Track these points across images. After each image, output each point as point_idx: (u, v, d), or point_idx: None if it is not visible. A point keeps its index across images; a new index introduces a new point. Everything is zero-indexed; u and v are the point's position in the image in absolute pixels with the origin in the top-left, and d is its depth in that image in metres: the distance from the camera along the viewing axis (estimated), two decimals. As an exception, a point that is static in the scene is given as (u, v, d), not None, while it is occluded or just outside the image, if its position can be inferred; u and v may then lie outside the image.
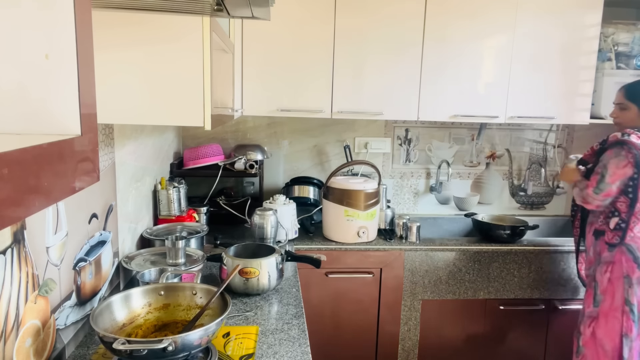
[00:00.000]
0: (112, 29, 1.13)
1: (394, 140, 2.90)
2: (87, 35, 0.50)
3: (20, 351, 1.00)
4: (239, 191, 2.81)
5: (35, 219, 1.06)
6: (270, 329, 1.44)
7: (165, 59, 1.17)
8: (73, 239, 1.26)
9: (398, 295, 2.38)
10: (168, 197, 2.10)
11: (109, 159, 1.54)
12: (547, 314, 2.48)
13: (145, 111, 1.19)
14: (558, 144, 2.98)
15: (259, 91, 2.39)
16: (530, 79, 2.51)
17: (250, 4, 1.02)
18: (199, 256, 1.74)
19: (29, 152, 0.39)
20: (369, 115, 2.47)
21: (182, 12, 1.09)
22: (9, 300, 0.96)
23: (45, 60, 0.47)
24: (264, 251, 1.74)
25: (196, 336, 1.08)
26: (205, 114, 1.20)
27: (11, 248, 0.96)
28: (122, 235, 1.69)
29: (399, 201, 2.97)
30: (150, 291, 1.30)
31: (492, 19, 2.43)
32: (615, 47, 2.59)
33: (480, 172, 3.00)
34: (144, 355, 1.01)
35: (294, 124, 2.81)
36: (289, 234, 2.27)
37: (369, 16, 2.37)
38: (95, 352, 1.28)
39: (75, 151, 0.48)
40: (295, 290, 1.75)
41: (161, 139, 2.29)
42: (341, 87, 2.42)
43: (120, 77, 1.16)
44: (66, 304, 1.23)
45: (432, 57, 2.42)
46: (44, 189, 0.42)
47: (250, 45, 2.34)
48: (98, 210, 1.44)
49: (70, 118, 0.49)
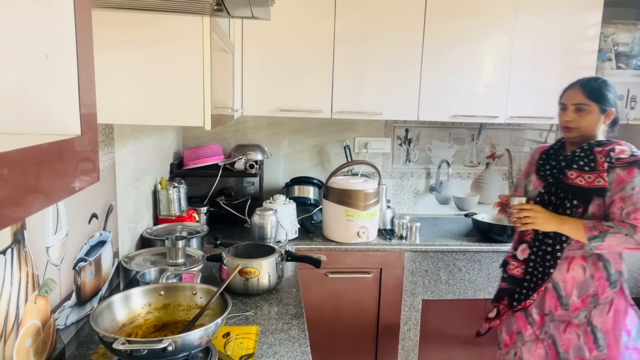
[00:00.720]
0: (112, 29, 1.13)
1: (394, 140, 2.90)
2: (87, 35, 0.50)
3: (20, 351, 1.00)
4: (239, 191, 2.81)
5: (35, 219, 1.06)
6: (270, 329, 1.44)
7: (165, 59, 1.17)
8: (73, 239, 1.26)
9: (398, 295, 2.38)
10: (168, 197, 2.10)
11: (109, 159, 1.54)
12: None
13: (145, 111, 1.19)
14: (558, 144, 2.97)
15: (259, 91, 2.39)
16: (530, 79, 2.51)
17: (250, 4, 1.02)
18: (199, 256, 1.74)
19: (29, 152, 0.39)
20: (369, 115, 2.47)
21: (182, 12, 1.09)
22: (9, 300, 0.96)
23: (45, 61, 0.47)
24: (264, 251, 1.74)
25: (196, 336, 1.08)
26: (205, 114, 1.20)
27: (11, 248, 0.96)
28: (122, 235, 1.69)
29: (399, 201, 2.97)
30: (150, 291, 1.30)
31: (492, 19, 2.43)
32: (615, 47, 2.59)
33: (480, 172, 3.00)
34: (144, 355, 1.01)
35: (294, 124, 2.81)
36: (289, 234, 2.27)
37: (369, 16, 2.37)
38: (95, 352, 1.27)
39: (75, 151, 0.48)
40: (295, 290, 1.75)
41: (161, 139, 2.29)
42: (341, 87, 2.42)
43: (120, 77, 1.16)
44: (66, 304, 1.23)
45: (432, 57, 2.42)
46: (44, 189, 0.42)
47: (250, 45, 2.34)
48: (98, 210, 1.44)
49: (70, 118, 0.49)
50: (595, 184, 1.59)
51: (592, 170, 1.60)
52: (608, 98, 1.64)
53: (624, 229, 1.53)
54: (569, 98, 1.68)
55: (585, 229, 1.56)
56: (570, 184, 1.64)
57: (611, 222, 1.55)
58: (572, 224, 1.60)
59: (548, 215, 1.63)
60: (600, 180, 1.59)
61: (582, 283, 1.65)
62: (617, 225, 1.54)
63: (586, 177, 1.61)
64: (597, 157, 1.61)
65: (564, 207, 1.64)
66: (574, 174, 1.64)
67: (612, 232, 1.53)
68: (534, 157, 1.89)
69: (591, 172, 1.61)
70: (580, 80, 1.70)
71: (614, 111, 1.66)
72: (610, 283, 1.64)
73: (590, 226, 1.56)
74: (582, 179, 1.62)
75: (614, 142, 1.62)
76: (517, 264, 1.77)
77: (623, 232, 1.52)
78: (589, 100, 1.64)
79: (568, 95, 1.70)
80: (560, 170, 1.68)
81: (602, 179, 1.58)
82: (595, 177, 1.60)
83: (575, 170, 1.64)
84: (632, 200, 1.54)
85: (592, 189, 1.60)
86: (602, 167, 1.59)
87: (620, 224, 1.53)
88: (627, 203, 1.54)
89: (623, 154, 1.58)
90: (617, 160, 1.57)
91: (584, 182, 1.61)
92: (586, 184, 1.61)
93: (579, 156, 1.65)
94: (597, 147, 1.62)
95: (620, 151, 1.58)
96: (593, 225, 1.56)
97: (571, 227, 1.60)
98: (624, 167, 1.56)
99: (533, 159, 1.88)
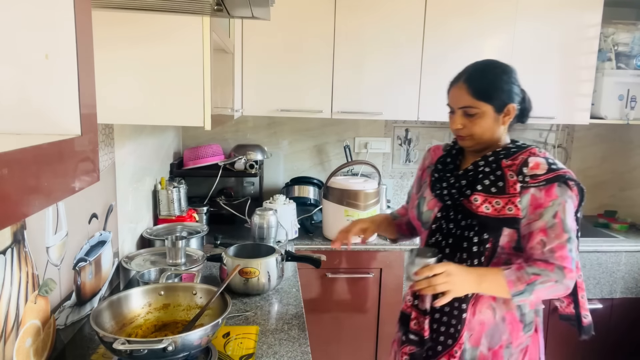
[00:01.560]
0: (112, 29, 1.13)
1: (394, 140, 2.90)
2: (87, 35, 0.50)
3: (20, 351, 1.00)
4: (239, 191, 2.81)
5: (35, 219, 1.06)
6: (270, 329, 1.44)
7: (166, 59, 1.17)
8: (73, 239, 1.26)
9: (398, 295, 2.38)
10: (168, 197, 2.10)
11: (109, 159, 1.54)
12: (547, 314, 2.48)
13: (145, 111, 1.19)
14: (558, 144, 2.97)
15: (259, 91, 2.39)
16: (530, 79, 2.48)
17: (250, 4, 1.02)
18: (199, 256, 1.74)
19: (29, 152, 0.39)
20: (369, 115, 2.47)
21: (182, 12, 1.09)
22: (9, 300, 0.96)
23: (45, 60, 0.47)
24: (264, 251, 1.74)
25: (196, 336, 1.08)
26: (205, 114, 1.20)
27: (11, 248, 0.96)
28: (122, 235, 1.69)
29: (399, 201, 2.97)
30: (150, 291, 1.30)
31: (492, 18, 2.43)
32: (615, 47, 2.59)
33: (480, 172, 2.99)
34: (144, 355, 1.01)
35: (294, 124, 2.81)
36: (289, 234, 2.27)
37: (369, 16, 2.37)
38: (95, 352, 1.27)
39: (75, 151, 0.48)
40: (295, 290, 1.75)
41: (161, 139, 2.29)
42: (341, 87, 2.42)
43: (120, 77, 1.16)
44: (66, 304, 1.23)
45: (432, 57, 2.42)
46: (44, 189, 0.42)
47: (250, 45, 2.34)
48: (98, 210, 1.44)
49: (70, 118, 0.49)
50: (506, 212, 1.24)
51: (501, 193, 1.25)
52: (503, 91, 1.28)
53: (552, 274, 1.20)
54: (455, 99, 1.30)
55: (509, 284, 1.21)
56: (474, 211, 1.26)
57: (535, 266, 1.22)
58: (492, 279, 1.23)
59: (463, 274, 1.22)
60: (511, 208, 1.23)
61: (492, 329, 1.30)
62: (543, 271, 1.20)
63: (494, 202, 1.25)
64: (506, 174, 1.26)
65: (468, 240, 1.27)
66: (478, 198, 1.26)
67: (541, 282, 1.20)
68: (424, 163, 1.51)
69: (500, 196, 1.25)
70: (466, 70, 1.30)
71: (514, 106, 1.30)
72: (525, 325, 1.31)
73: (513, 279, 1.21)
74: (488, 205, 1.25)
75: (526, 151, 1.29)
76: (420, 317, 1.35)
77: (552, 278, 1.20)
78: (478, 101, 1.26)
79: (453, 95, 1.30)
80: (460, 191, 1.31)
81: (514, 206, 1.23)
82: (506, 203, 1.24)
83: (480, 193, 1.27)
84: (556, 232, 1.21)
85: (501, 219, 1.24)
86: (513, 190, 1.24)
87: (546, 266, 1.21)
88: (549, 236, 1.21)
89: (538, 168, 1.24)
90: (532, 177, 1.23)
91: (491, 209, 1.25)
92: (494, 213, 1.24)
93: (483, 172, 1.29)
94: (506, 160, 1.28)
95: (535, 165, 1.24)
96: (516, 277, 1.21)
97: (491, 284, 1.23)
98: (541, 186, 1.22)
99: (424, 165, 1.51)
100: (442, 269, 1.20)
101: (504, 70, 1.31)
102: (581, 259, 2.42)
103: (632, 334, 2.55)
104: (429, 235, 1.36)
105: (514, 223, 1.23)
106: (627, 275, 2.48)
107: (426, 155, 1.53)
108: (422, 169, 1.52)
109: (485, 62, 1.33)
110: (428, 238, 1.37)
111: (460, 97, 1.28)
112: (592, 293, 2.45)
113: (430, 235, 1.36)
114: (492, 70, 1.30)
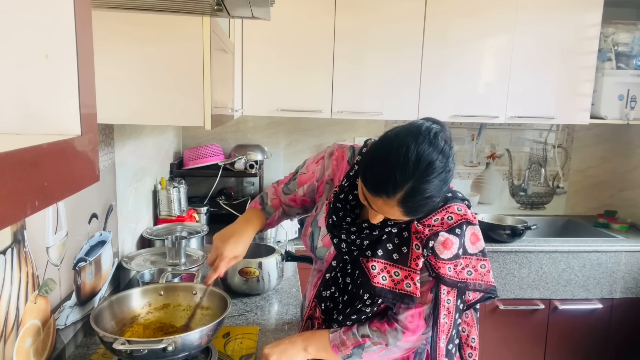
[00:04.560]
0: (112, 29, 1.13)
1: (394, 140, 2.90)
2: (87, 36, 0.50)
3: (20, 351, 1.00)
4: (239, 191, 2.81)
5: (35, 219, 1.06)
6: (270, 329, 1.44)
7: (166, 59, 1.17)
8: (73, 239, 1.26)
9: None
10: (168, 197, 2.10)
11: (109, 159, 1.54)
12: (547, 314, 2.48)
13: (145, 111, 1.19)
14: (558, 144, 2.98)
15: (259, 91, 2.39)
16: (530, 79, 2.51)
17: (250, 4, 1.01)
18: (199, 256, 1.74)
19: (29, 152, 0.39)
20: (369, 115, 2.47)
21: (182, 12, 1.09)
22: (9, 300, 0.96)
23: (45, 61, 0.47)
24: (264, 251, 1.74)
25: (196, 336, 1.08)
26: (205, 114, 1.20)
27: (11, 248, 0.96)
28: (122, 235, 1.69)
29: (399, 201, 2.97)
30: (150, 291, 1.30)
31: (492, 18, 2.43)
32: (615, 47, 2.59)
33: (480, 172, 2.99)
34: (144, 355, 1.01)
35: (294, 124, 2.81)
36: (289, 234, 2.27)
37: (369, 16, 2.37)
38: (95, 352, 1.28)
39: (75, 151, 0.48)
40: (295, 290, 1.75)
41: (161, 139, 2.29)
42: (341, 87, 2.42)
43: (120, 77, 1.16)
44: (66, 304, 1.23)
45: (432, 57, 2.42)
46: (44, 189, 0.42)
47: (250, 45, 2.34)
48: (98, 210, 1.44)
49: (70, 118, 0.49)
50: (403, 287, 1.10)
51: (402, 263, 1.10)
52: (434, 199, 1.05)
53: (384, 336, 1.13)
54: (383, 211, 1.04)
55: (334, 348, 1.14)
56: (369, 279, 1.11)
57: (368, 326, 1.14)
58: (318, 343, 1.17)
59: (286, 348, 1.16)
60: (409, 284, 1.09)
61: None
62: (375, 332, 1.13)
63: (392, 272, 1.11)
64: (412, 240, 1.10)
65: (361, 300, 1.14)
66: (376, 266, 1.11)
67: (372, 344, 1.13)
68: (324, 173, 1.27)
69: (400, 266, 1.10)
70: (401, 181, 0.99)
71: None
72: None
73: (337, 344, 1.14)
74: (386, 275, 1.11)
75: (443, 210, 1.12)
76: None
77: (383, 340, 1.13)
78: (411, 217, 1.06)
79: (381, 207, 1.03)
80: (360, 250, 1.14)
81: (412, 283, 1.09)
82: (405, 277, 1.10)
83: (379, 260, 1.11)
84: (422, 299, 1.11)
85: (397, 294, 1.10)
86: (415, 264, 1.09)
87: (380, 326, 1.14)
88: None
89: (448, 249, 1.07)
90: (437, 259, 1.08)
91: (388, 280, 1.10)
92: (390, 285, 1.10)
93: (388, 233, 1.12)
94: (417, 222, 1.10)
95: (445, 243, 1.07)
96: (341, 341, 1.14)
97: (318, 348, 1.17)
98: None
99: (323, 175, 1.28)
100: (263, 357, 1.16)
101: (445, 179, 1.09)
102: (581, 259, 2.43)
103: (632, 334, 2.55)
104: (324, 284, 1.22)
105: (409, 301, 1.10)
106: (627, 275, 2.48)
107: (327, 162, 1.27)
108: (320, 180, 1.28)
109: (426, 173, 1.03)
110: (324, 288, 1.23)
111: (391, 213, 1.04)
112: (592, 293, 2.45)
113: (326, 287, 1.22)
114: (434, 189, 1.04)
